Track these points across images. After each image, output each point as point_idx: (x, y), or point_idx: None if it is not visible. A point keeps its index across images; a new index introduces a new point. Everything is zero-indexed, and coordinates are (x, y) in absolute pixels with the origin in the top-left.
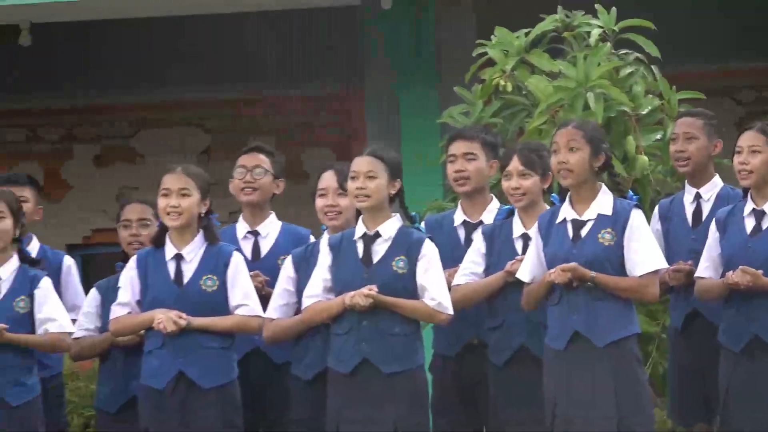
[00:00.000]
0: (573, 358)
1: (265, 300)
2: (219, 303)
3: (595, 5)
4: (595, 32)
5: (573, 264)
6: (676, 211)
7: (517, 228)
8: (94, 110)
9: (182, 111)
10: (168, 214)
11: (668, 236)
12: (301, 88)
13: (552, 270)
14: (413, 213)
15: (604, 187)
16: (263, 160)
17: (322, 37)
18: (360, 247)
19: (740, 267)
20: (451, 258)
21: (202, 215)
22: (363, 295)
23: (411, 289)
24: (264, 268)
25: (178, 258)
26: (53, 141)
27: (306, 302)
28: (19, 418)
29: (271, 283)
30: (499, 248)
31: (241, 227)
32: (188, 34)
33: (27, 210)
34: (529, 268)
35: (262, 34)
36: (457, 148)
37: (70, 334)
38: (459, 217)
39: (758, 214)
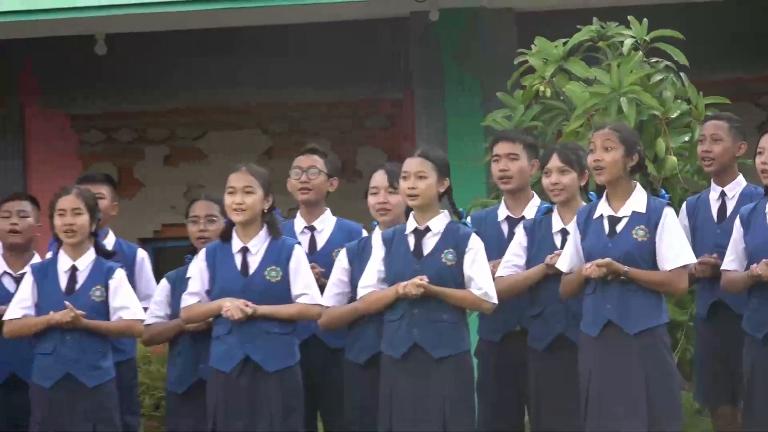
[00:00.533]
0: (606, 345)
1: (320, 290)
2: (282, 292)
3: (628, 17)
4: (628, 42)
5: (608, 259)
6: (702, 208)
7: (556, 223)
8: (164, 114)
9: (246, 114)
10: (234, 210)
11: (695, 231)
12: (355, 93)
13: (588, 265)
14: (460, 209)
15: (638, 186)
16: (317, 160)
17: (376, 46)
18: (411, 241)
19: (763, 260)
20: (496, 251)
21: (265, 211)
22: (415, 284)
23: (458, 280)
24: (319, 261)
25: (244, 251)
26: (126, 142)
27: (361, 292)
28: (95, 399)
29: (326, 275)
30: (539, 242)
31: (299, 222)
32: (250, 43)
33: (103, 206)
34: (567, 260)
35: (319, 43)
36: (501, 148)
37: (142, 321)
38: (503, 212)
39: None
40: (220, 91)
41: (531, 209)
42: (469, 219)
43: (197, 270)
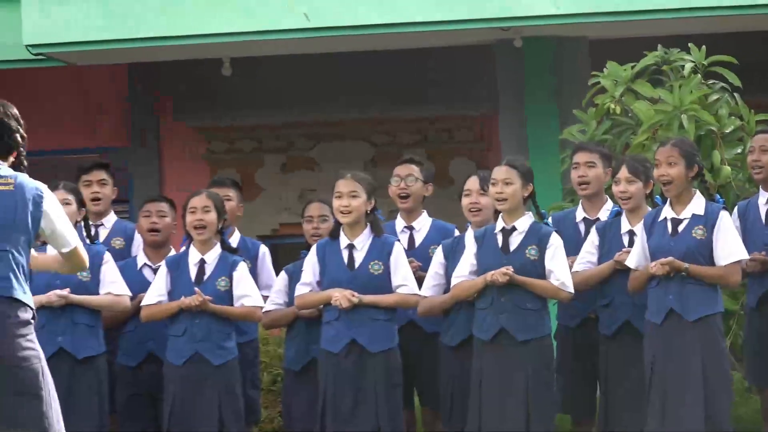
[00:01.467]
0: (668, 330)
1: (419, 282)
2: (383, 283)
3: (689, 44)
4: (688, 66)
5: (670, 258)
6: (752, 211)
7: (624, 225)
8: (281, 127)
9: (352, 128)
10: (340, 212)
11: (745, 232)
12: (448, 110)
13: (653, 263)
14: (543, 211)
15: (698, 192)
16: (414, 169)
17: (467, 69)
18: (500, 238)
19: None
20: (573, 248)
21: (369, 212)
22: (501, 273)
23: (540, 272)
24: (417, 256)
25: (351, 247)
26: (248, 152)
27: (454, 281)
28: (220, 375)
29: (423, 268)
30: (610, 241)
31: (399, 223)
32: (355, 67)
33: (230, 207)
34: (635, 257)
35: (416, 67)
36: (581, 158)
37: (262, 308)
38: (580, 214)
39: None
40: (330, 108)
41: (605, 212)
42: (550, 219)
43: (310, 264)
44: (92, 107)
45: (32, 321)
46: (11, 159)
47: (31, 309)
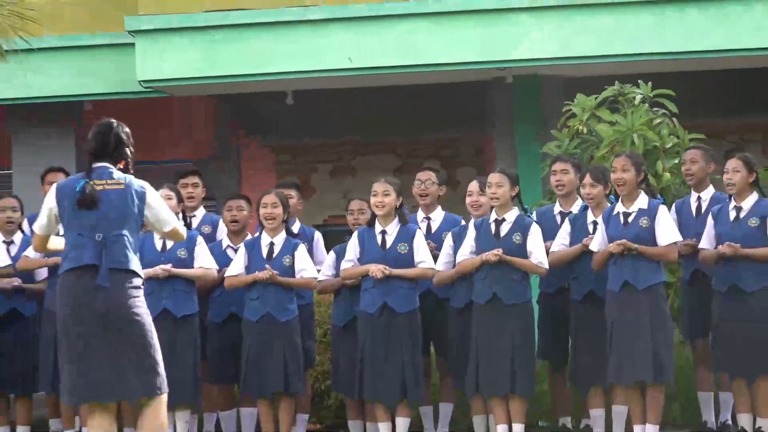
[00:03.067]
0: (623, 297)
1: (434, 259)
2: (408, 260)
3: (639, 81)
4: (638, 97)
5: (623, 240)
6: (685, 208)
7: (590, 217)
8: (330, 145)
9: (384, 145)
10: (376, 207)
11: (680, 223)
12: (455, 132)
13: (611, 245)
14: (526, 207)
15: (642, 192)
16: (431, 175)
17: (469, 100)
18: (493, 227)
19: (726, 243)
20: (552, 234)
21: (397, 207)
22: (493, 254)
23: (523, 253)
24: (433, 240)
25: (383, 233)
26: (305, 162)
27: (459, 260)
28: (285, 329)
29: (438, 249)
30: (578, 230)
31: (420, 215)
32: (384, 97)
33: (292, 203)
34: (597, 242)
35: (431, 98)
36: (557, 166)
37: (316, 279)
38: (557, 209)
39: (737, 210)
40: (367, 130)
41: (576, 207)
42: (534, 214)
43: (352, 245)
44: (187, 128)
45: (142, 286)
46: (120, 165)
47: (141, 278)
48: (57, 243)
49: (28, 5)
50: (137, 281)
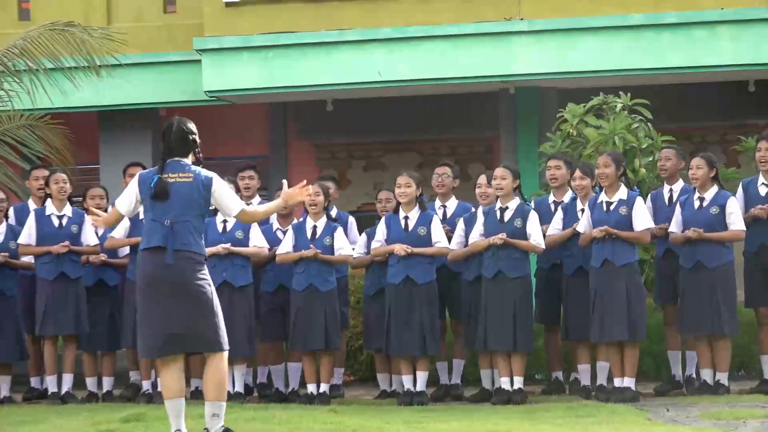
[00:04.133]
0: (605, 272)
1: (449, 240)
2: (427, 241)
3: (620, 92)
4: (619, 106)
5: (606, 227)
6: (659, 198)
7: (579, 205)
8: (363, 144)
9: (408, 144)
10: (400, 196)
11: (655, 210)
12: (468, 132)
13: (594, 230)
14: (526, 196)
15: (622, 185)
16: (447, 170)
17: (480, 107)
18: (498, 214)
19: (692, 228)
20: (547, 220)
21: (418, 196)
22: (499, 237)
23: (523, 236)
24: (448, 224)
25: (406, 218)
26: (342, 158)
27: (470, 241)
28: (325, 297)
29: (452, 232)
30: (569, 216)
31: (437, 203)
32: (408, 102)
33: (332, 192)
34: (584, 226)
35: (446, 105)
36: (552, 163)
37: (351, 256)
38: (551, 198)
39: (700, 200)
40: (394, 132)
41: (567, 197)
42: (532, 203)
43: (381, 229)
44: (244, 130)
45: (205, 262)
46: (191, 157)
47: (204, 255)
48: (121, 223)
49: (115, 29)
50: (199, 258)
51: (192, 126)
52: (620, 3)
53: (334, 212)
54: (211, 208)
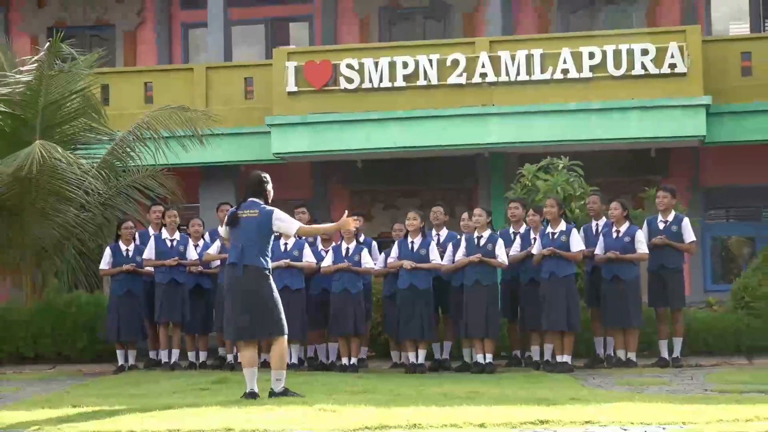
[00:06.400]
0: (550, 282)
1: (442, 258)
2: (426, 258)
3: (561, 156)
4: (561, 165)
5: (551, 248)
6: (588, 230)
7: (532, 234)
8: (382, 191)
9: (412, 192)
10: (408, 227)
11: (586, 238)
12: (454, 185)
13: (544, 250)
14: (496, 228)
15: (563, 221)
16: (440, 209)
17: (464, 167)
18: (476, 240)
19: (611, 251)
20: (509, 244)
21: (421, 228)
22: (476, 257)
23: (492, 255)
24: (441, 247)
25: (412, 243)
26: (368, 201)
27: (456, 259)
28: (355, 297)
29: (443, 252)
30: (525, 242)
31: (434, 232)
32: (414, 165)
33: (360, 224)
34: (536, 249)
35: (440, 166)
36: (513, 205)
37: (374, 268)
38: (512, 229)
39: (617, 232)
40: (403, 183)
41: (523, 229)
42: (499, 232)
43: (394, 249)
44: (299, 180)
45: (269, 273)
46: (264, 198)
47: (268, 268)
48: (214, 244)
49: (211, 110)
50: (264, 271)
51: (267, 176)
52: (561, 95)
53: (362, 238)
54: (275, 234)
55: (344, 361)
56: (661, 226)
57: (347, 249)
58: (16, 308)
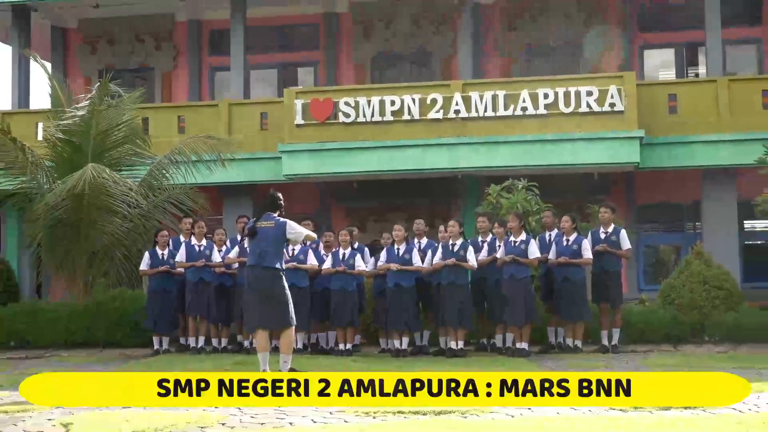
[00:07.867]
0: (511, 282)
1: (422, 261)
2: (410, 262)
3: (521, 177)
4: (521, 186)
5: (511, 255)
6: (543, 239)
7: (497, 242)
8: (375, 208)
9: (399, 208)
10: (395, 236)
11: (541, 246)
12: (437, 204)
13: (505, 256)
14: (467, 238)
15: (523, 231)
16: (422, 222)
17: (445, 188)
18: (450, 247)
19: (562, 257)
20: (478, 251)
21: (405, 237)
22: (451, 261)
23: (465, 260)
24: (422, 252)
25: (398, 249)
26: (363, 216)
27: (434, 262)
28: (350, 294)
29: (424, 256)
30: (491, 249)
31: (416, 241)
32: (402, 186)
33: (355, 235)
34: (500, 254)
35: (426, 186)
36: (481, 218)
37: (367, 271)
38: (480, 239)
39: (567, 241)
40: (392, 200)
41: (490, 238)
42: (469, 241)
43: (383, 254)
44: (305, 197)
45: (283, 274)
46: (278, 212)
47: (282, 269)
48: (234, 249)
49: (232, 138)
50: (278, 272)
51: (280, 195)
52: (522, 128)
53: (356, 245)
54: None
55: (341, 346)
56: (603, 236)
57: (344, 254)
58: (71, 303)
